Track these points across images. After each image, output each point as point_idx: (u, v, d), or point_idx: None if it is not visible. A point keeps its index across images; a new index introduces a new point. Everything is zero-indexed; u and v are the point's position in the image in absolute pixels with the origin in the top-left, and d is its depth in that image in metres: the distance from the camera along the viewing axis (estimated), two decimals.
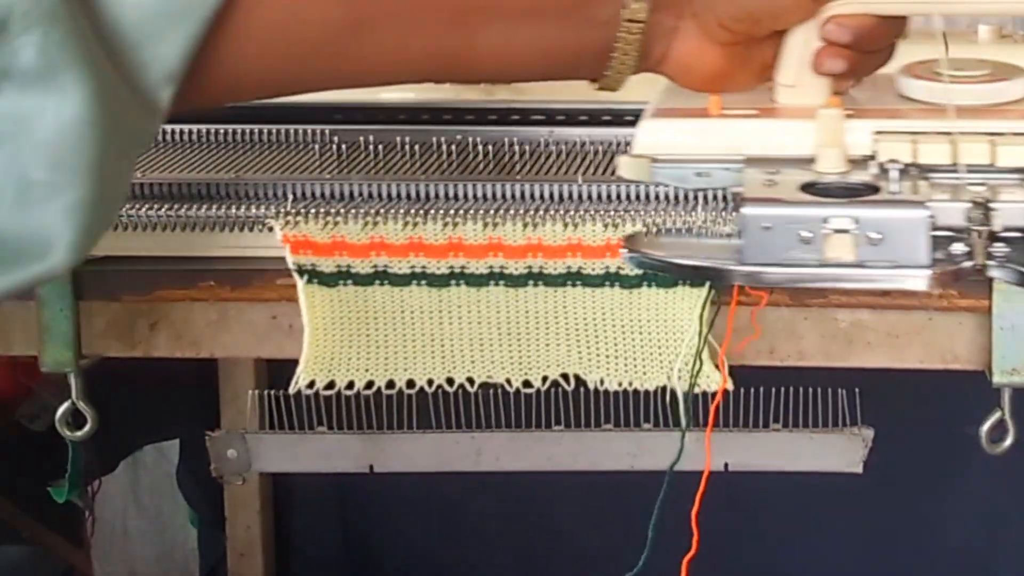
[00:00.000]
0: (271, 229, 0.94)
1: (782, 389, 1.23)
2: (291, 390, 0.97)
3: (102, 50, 0.70)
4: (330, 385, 0.97)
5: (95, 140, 0.68)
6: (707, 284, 0.92)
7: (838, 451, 1.25)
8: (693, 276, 0.89)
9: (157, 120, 0.74)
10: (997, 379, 0.91)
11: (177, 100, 0.73)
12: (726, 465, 1.22)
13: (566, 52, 0.82)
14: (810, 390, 1.23)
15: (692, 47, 0.84)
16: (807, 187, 0.82)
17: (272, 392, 1.25)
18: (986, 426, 0.94)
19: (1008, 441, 0.94)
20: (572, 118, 1.05)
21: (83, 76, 0.68)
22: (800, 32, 0.85)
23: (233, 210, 0.96)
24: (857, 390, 1.22)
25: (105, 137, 0.69)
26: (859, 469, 1.24)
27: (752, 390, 1.20)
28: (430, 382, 0.97)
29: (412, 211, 0.94)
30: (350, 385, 0.97)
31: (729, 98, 0.86)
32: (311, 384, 0.97)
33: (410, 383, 0.97)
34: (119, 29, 0.71)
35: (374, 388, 0.97)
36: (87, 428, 1.03)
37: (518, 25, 0.81)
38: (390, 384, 0.97)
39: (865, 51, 0.85)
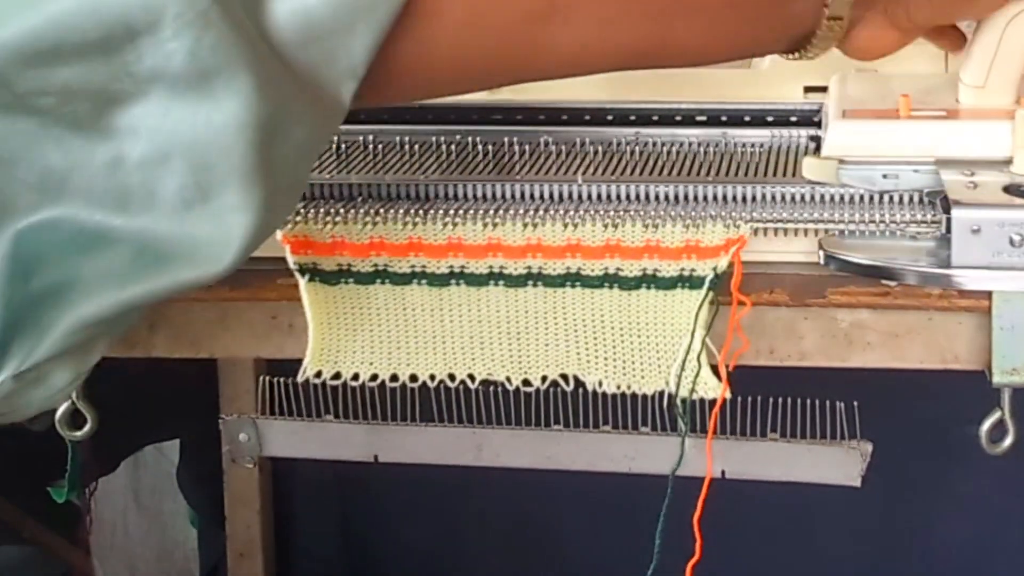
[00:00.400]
0: None
1: (779, 399, 1.23)
2: (299, 379, 0.97)
3: (270, 49, 0.67)
4: (336, 376, 0.97)
5: (252, 144, 0.66)
6: (705, 286, 0.92)
7: (836, 464, 1.25)
8: (887, 278, 0.89)
9: (338, 116, 0.71)
10: (997, 379, 0.91)
11: (360, 97, 0.71)
12: (723, 472, 1.23)
13: (762, 42, 0.83)
14: (808, 401, 1.23)
15: (875, 33, 0.86)
16: (1009, 189, 0.82)
17: (280, 380, 1.26)
18: (986, 426, 0.94)
19: (1008, 441, 0.94)
20: (572, 118, 1.06)
21: (239, 80, 0.65)
22: (990, 33, 0.85)
23: None
24: (856, 403, 1.22)
25: (266, 140, 0.67)
26: (857, 483, 1.24)
27: (749, 398, 1.20)
28: (432, 377, 0.97)
29: (412, 211, 0.94)
30: (355, 377, 0.97)
31: (917, 100, 0.87)
32: (318, 374, 0.97)
33: (413, 377, 0.97)
34: (306, 22, 0.68)
35: (378, 381, 0.97)
36: (87, 428, 1.03)
37: (719, 19, 0.81)
38: (394, 377, 0.97)
39: None
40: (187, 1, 0.64)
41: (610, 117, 1.06)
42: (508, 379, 0.96)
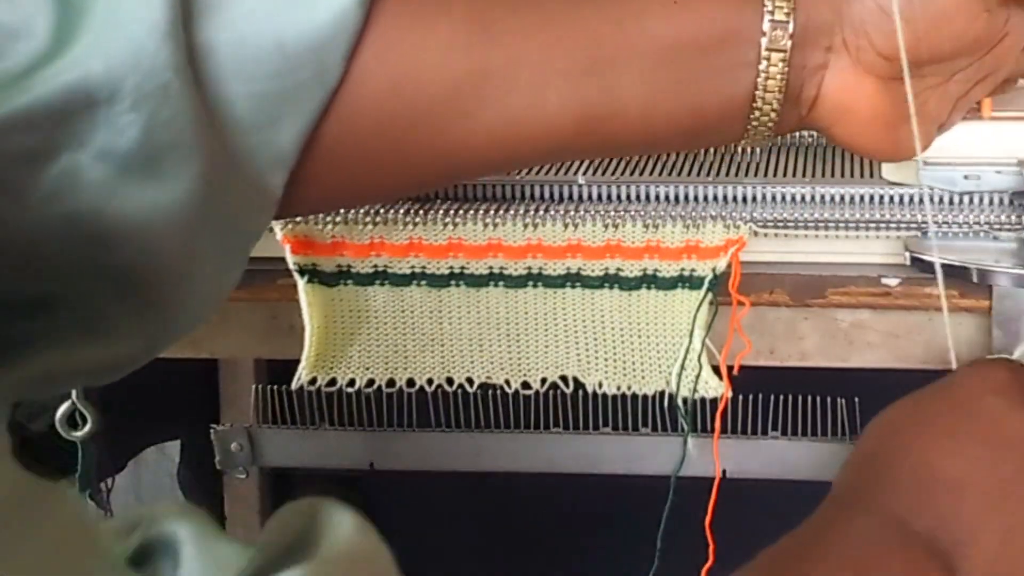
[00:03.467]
0: (271, 229, 0.94)
1: (780, 396, 1.23)
2: (294, 386, 0.97)
3: (213, 132, 0.64)
4: (331, 382, 0.97)
5: (189, 229, 0.63)
6: (705, 286, 0.92)
7: (838, 461, 1.24)
8: (977, 280, 0.89)
9: (269, 208, 0.68)
10: None
11: (289, 192, 0.67)
12: (724, 471, 1.22)
13: (710, 104, 0.75)
14: (809, 398, 1.22)
15: (846, 81, 0.76)
16: None
17: (275, 388, 1.25)
18: None
19: None
20: None
21: (190, 160, 0.62)
22: None
23: None
24: (857, 399, 1.22)
25: (206, 225, 0.63)
26: None
27: (750, 396, 1.20)
28: (430, 381, 0.97)
29: (412, 211, 0.94)
30: (351, 383, 0.97)
31: (999, 100, 0.86)
32: (313, 381, 0.97)
33: (410, 382, 0.97)
34: (230, 115, 0.65)
35: (375, 386, 0.97)
36: (87, 428, 1.02)
37: (658, 68, 0.74)
38: (391, 383, 0.97)
39: None
40: (148, 72, 0.61)
41: None
42: (507, 382, 0.96)
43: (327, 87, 0.67)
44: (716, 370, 0.93)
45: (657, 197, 0.94)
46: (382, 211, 0.94)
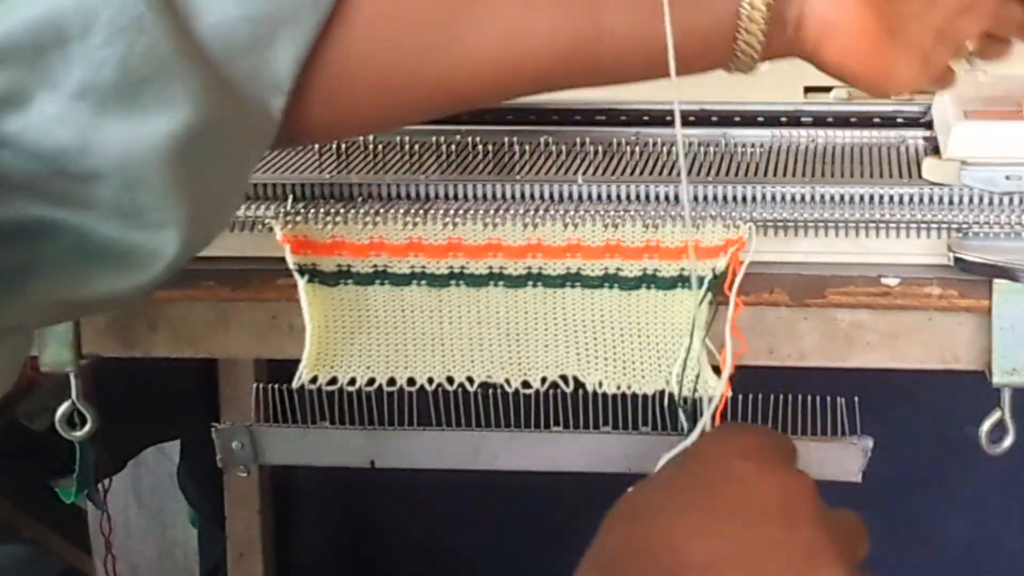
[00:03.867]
0: (271, 229, 0.94)
1: (779, 396, 1.23)
2: (294, 385, 0.97)
3: (202, 60, 0.64)
4: (332, 381, 0.97)
5: (181, 158, 0.63)
6: (704, 287, 0.92)
7: (836, 460, 1.24)
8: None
9: (269, 133, 0.69)
10: (997, 379, 0.91)
11: (291, 120, 0.68)
12: None
13: (697, 25, 0.75)
14: (808, 397, 1.23)
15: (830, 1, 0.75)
16: None
17: (276, 386, 1.26)
18: (986, 426, 0.94)
19: (1008, 441, 0.94)
20: (572, 118, 1.05)
21: (171, 90, 0.62)
22: None
23: None
24: (856, 399, 1.22)
25: (195, 153, 0.64)
26: (858, 478, 1.24)
27: (749, 395, 1.20)
28: (430, 380, 0.97)
29: (412, 211, 0.94)
30: (352, 382, 0.97)
31: None
32: (314, 379, 0.97)
33: (411, 381, 0.97)
34: (227, 37, 0.65)
35: (375, 385, 0.97)
36: (87, 428, 1.02)
37: None
38: (391, 381, 0.97)
39: None
40: (121, 6, 0.61)
41: (606, 117, 1.05)
42: (507, 381, 0.96)
43: (321, 10, 0.68)
44: (716, 370, 0.93)
45: (657, 197, 0.94)
46: (382, 211, 0.94)
